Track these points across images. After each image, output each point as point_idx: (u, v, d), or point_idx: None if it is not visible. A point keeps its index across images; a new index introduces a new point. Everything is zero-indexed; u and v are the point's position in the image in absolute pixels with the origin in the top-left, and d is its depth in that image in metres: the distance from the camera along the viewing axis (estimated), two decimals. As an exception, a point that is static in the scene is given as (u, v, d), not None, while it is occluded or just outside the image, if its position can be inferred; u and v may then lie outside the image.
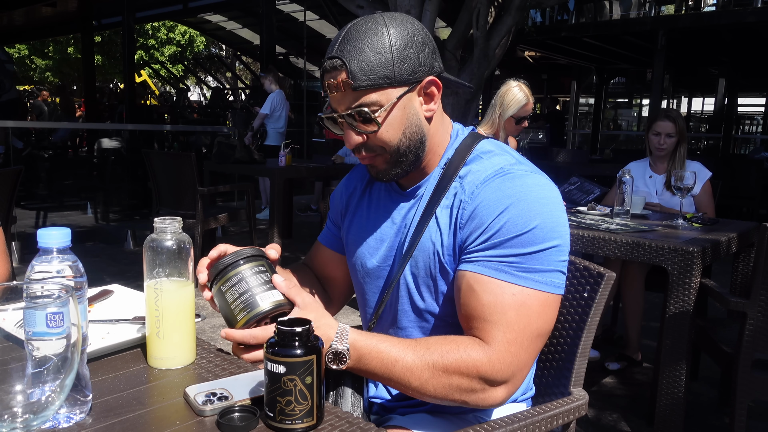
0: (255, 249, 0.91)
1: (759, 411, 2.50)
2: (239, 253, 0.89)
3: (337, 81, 0.96)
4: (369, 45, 0.94)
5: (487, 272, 0.94)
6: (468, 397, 0.92)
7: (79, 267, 0.78)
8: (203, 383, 0.86)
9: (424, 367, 0.90)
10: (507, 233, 0.94)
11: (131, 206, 7.14)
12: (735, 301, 1.94)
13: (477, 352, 0.91)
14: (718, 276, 2.82)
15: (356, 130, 0.99)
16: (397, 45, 0.95)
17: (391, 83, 0.96)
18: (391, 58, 0.95)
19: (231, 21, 14.80)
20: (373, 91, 0.95)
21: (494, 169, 0.99)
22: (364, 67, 0.94)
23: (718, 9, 9.12)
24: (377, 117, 0.96)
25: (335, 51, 0.96)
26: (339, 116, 0.99)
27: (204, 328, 3.32)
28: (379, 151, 1.01)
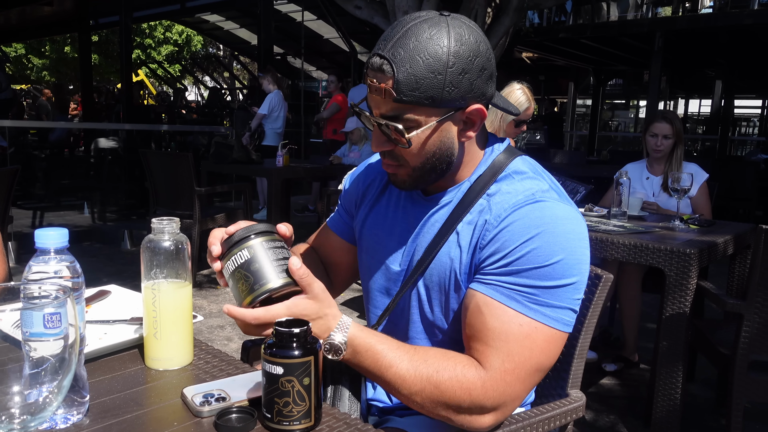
0: (269, 225, 0.88)
1: (755, 412, 2.50)
2: (252, 228, 0.86)
3: (380, 85, 0.90)
4: (424, 59, 0.87)
5: (499, 297, 0.91)
6: (453, 416, 0.91)
7: (77, 267, 0.78)
8: (201, 384, 0.86)
9: (417, 378, 0.89)
10: (528, 263, 0.90)
11: (128, 206, 7.12)
12: (731, 303, 1.94)
13: (472, 374, 0.89)
14: (715, 277, 2.82)
15: (385, 137, 0.96)
16: (454, 68, 0.88)
17: (433, 104, 0.90)
18: (443, 81, 0.88)
19: (229, 21, 14.79)
20: (414, 108, 0.90)
21: (525, 195, 0.96)
22: (412, 82, 0.87)
23: (715, 11, 9.16)
24: (410, 136, 0.92)
25: (387, 51, 0.89)
26: (371, 118, 0.95)
27: (201, 329, 3.31)
28: (403, 163, 0.97)
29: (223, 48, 21.63)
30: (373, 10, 5.25)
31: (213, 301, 3.82)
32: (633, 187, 2.90)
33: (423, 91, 0.88)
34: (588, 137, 13.32)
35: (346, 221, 1.22)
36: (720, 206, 3.93)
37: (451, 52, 0.87)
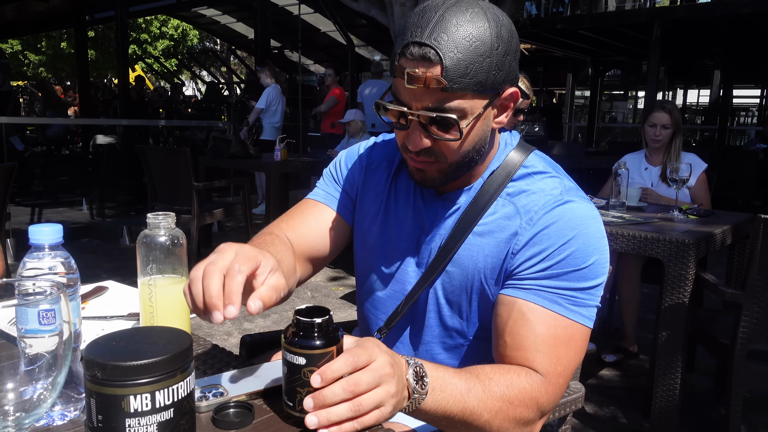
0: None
1: (754, 402, 2.51)
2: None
3: (425, 75, 0.82)
4: (473, 43, 0.82)
5: (542, 302, 0.90)
6: (521, 431, 0.88)
7: (72, 263, 0.78)
8: (198, 379, 0.85)
9: (494, 399, 0.83)
10: (567, 266, 0.90)
11: (127, 202, 7.11)
12: (730, 293, 1.94)
13: (537, 383, 0.87)
14: (714, 267, 2.82)
15: (426, 133, 0.88)
16: (499, 50, 0.84)
17: (480, 91, 0.85)
18: (490, 64, 0.84)
19: (225, 15, 14.73)
20: (462, 96, 0.85)
21: (553, 195, 0.94)
22: (462, 69, 0.82)
23: (713, 0, 9.12)
24: (463, 128, 0.86)
25: (428, 37, 0.82)
26: (413, 113, 0.86)
27: (201, 324, 3.31)
28: (440, 159, 0.92)
29: (220, 42, 21.56)
30: (369, 2, 5.23)
31: (212, 296, 3.82)
32: (631, 178, 2.89)
33: (472, 76, 0.83)
34: (587, 128, 13.31)
35: (345, 201, 1.12)
36: (719, 196, 3.92)
37: (494, 34, 0.84)
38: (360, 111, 5.82)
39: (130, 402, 0.61)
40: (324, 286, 4.11)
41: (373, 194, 1.09)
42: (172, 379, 0.63)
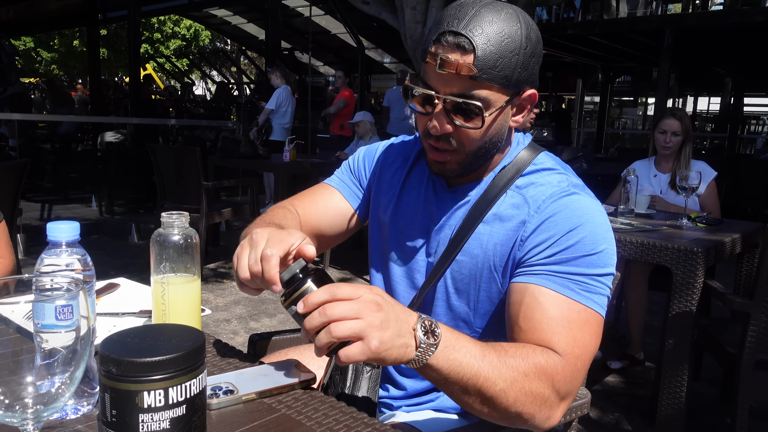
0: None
1: (761, 411, 2.50)
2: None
3: (457, 61, 0.87)
4: (504, 39, 0.88)
5: (554, 287, 0.91)
6: (538, 410, 0.85)
7: (88, 260, 0.79)
8: (209, 377, 0.86)
9: (509, 368, 0.82)
10: (577, 252, 0.91)
11: (136, 200, 7.15)
12: (739, 302, 1.94)
13: (552, 359, 0.86)
14: (722, 276, 2.81)
15: (449, 119, 0.93)
16: (527, 50, 0.91)
17: (505, 85, 0.91)
18: (517, 62, 0.90)
19: (236, 16, 14.81)
20: (488, 87, 0.90)
21: (561, 187, 0.98)
22: (492, 61, 0.88)
23: (725, 8, 9.08)
24: (485, 116, 0.91)
25: (464, 28, 0.87)
26: (440, 96, 0.91)
27: (208, 323, 3.33)
28: (459, 148, 0.96)
29: (230, 43, 21.66)
30: (380, 5, 5.24)
31: (219, 294, 3.84)
32: (641, 185, 2.89)
33: (500, 70, 0.89)
34: (596, 134, 13.26)
35: (355, 190, 1.19)
36: (728, 205, 3.91)
37: (524, 35, 0.90)
38: (369, 113, 5.83)
39: (144, 398, 0.62)
40: (330, 287, 4.12)
41: (387, 186, 1.14)
42: (186, 376, 0.64)
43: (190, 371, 0.64)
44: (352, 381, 1.05)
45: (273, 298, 3.82)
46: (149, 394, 0.62)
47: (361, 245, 5.25)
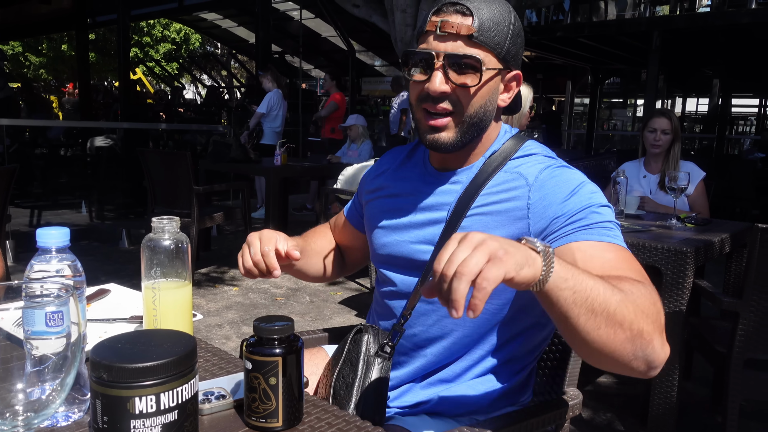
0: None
1: (751, 410, 2.52)
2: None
3: (458, 23, 0.96)
4: (496, 11, 0.98)
5: (592, 237, 0.93)
6: (653, 329, 0.81)
7: (78, 266, 0.79)
8: (201, 382, 0.86)
9: (616, 287, 0.80)
10: (586, 208, 0.96)
11: (126, 205, 7.11)
12: (727, 301, 1.95)
13: (641, 284, 0.85)
14: (712, 276, 2.83)
15: (447, 78, 0.98)
16: (516, 26, 1.01)
17: (498, 54, 0.99)
18: (509, 32, 0.99)
19: (226, 19, 14.78)
20: (485, 50, 0.98)
21: (550, 162, 1.05)
22: (489, 25, 0.97)
23: (712, 10, 9.16)
24: (483, 72, 0.97)
25: (462, 0, 0.98)
26: (440, 54, 0.97)
27: (200, 327, 3.32)
28: (457, 109, 1.01)
29: (221, 46, 21.61)
30: (371, 8, 5.25)
31: (211, 299, 3.83)
32: (630, 186, 2.91)
33: (495, 35, 0.98)
34: (586, 136, 13.34)
35: (359, 213, 1.30)
36: (717, 205, 3.94)
37: (512, 13, 1.02)
38: (362, 117, 5.83)
39: (135, 403, 0.62)
40: (323, 290, 4.12)
41: (379, 189, 1.20)
42: (177, 381, 0.64)
43: (181, 376, 0.64)
44: (363, 372, 1.05)
45: (265, 303, 3.81)
46: (141, 399, 0.62)
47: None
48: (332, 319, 3.56)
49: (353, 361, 1.06)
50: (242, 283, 4.22)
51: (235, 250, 4.79)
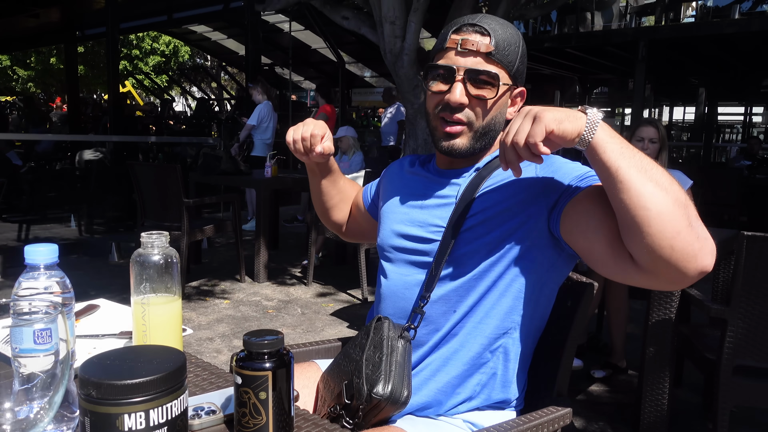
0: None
1: (741, 416, 2.53)
2: None
3: (477, 42, 1.07)
4: (508, 32, 1.10)
5: (595, 182, 1.01)
6: (695, 212, 0.90)
7: (67, 283, 0.79)
8: (191, 397, 0.86)
9: (661, 170, 0.90)
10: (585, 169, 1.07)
11: (116, 218, 7.08)
12: (716, 309, 1.97)
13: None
14: (701, 283, 2.85)
15: (466, 90, 1.09)
16: (523, 47, 1.13)
17: (510, 71, 1.11)
18: (518, 52, 1.11)
19: (216, 32, 14.80)
20: (500, 67, 1.09)
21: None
22: (504, 45, 1.09)
23: (697, 20, 9.30)
24: (499, 87, 1.08)
25: (479, 21, 1.08)
26: (461, 68, 1.08)
27: (190, 341, 3.30)
28: (471, 119, 1.11)
29: (210, 58, 21.62)
30: (360, 20, 5.28)
31: (202, 313, 3.81)
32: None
33: (509, 54, 1.09)
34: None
35: (374, 197, 1.40)
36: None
37: (519, 35, 1.13)
38: (352, 128, 5.84)
39: (124, 420, 0.62)
40: (314, 302, 4.11)
41: (391, 189, 1.29)
42: (167, 398, 0.64)
43: (170, 392, 0.64)
44: (389, 352, 1.06)
45: (256, 316, 3.79)
46: (130, 416, 0.62)
47: (344, 260, 5.25)
48: (324, 330, 3.55)
49: (377, 344, 1.08)
50: (233, 295, 4.20)
51: (226, 263, 4.77)
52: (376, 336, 1.09)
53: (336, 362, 1.16)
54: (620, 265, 0.95)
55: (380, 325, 1.10)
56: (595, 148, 0.89)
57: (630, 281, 0.97)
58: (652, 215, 0.85)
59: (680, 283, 0.91)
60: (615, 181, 0.88)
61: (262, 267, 4.54)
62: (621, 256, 0.94)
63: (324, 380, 1.18)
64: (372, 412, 1.01)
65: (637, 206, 0.86)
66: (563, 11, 9.76)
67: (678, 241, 0.86)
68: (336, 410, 1.06)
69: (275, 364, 0.75)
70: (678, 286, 0.93)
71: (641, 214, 0.86)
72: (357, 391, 1.02)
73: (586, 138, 0.89)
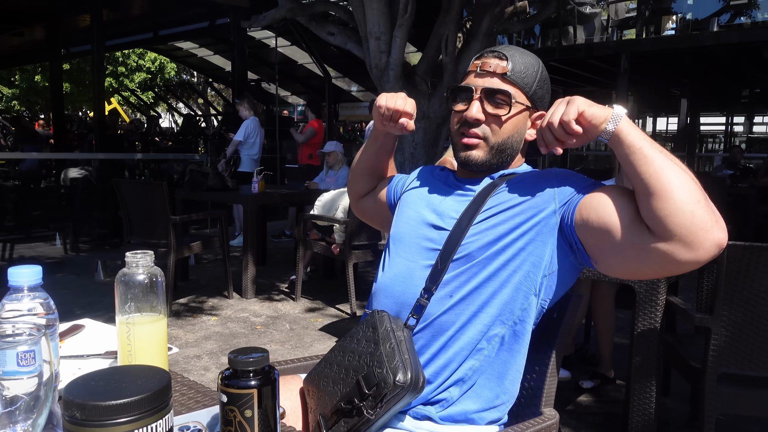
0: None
1: (728, 424, 2.55)
2: None
3: (494, 64, 1.19)
4: (528, 59, 1.21)
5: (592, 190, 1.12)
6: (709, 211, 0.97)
7: (51, 304, 0.79)
8: (177, 416, 0.86)
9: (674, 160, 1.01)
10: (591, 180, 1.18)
11: (101, 236, 7.02)
12: (699, 317, 1.99)
13: None
14: (687, 291, 2.89)
15: (483, 108, 1.19)
16: (542, 73, 1.23)
17: (527, 92, 1.20)
18: (536, 77, 1.21)
19: (202, 48, 14.82)
20: (516, 87, 1.19)
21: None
22: (521, 68, 1.19)
23: (677, 33, 9.47)
24: (512, 104, 1.18)
25: (500, 48, 1.21)
26: (478, 87, 1.19)
27: (177, 359, 3.27)
28: (488, 135, 1.21)
29: (197, 75, 21.62)
30: (346, 36, 5.32)
31: (189, 330, 3.78)
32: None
33: (526, 77, 1.20)
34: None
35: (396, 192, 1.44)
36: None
37: (540, 63, 1.24)
38: (340, 144, 5.86)
39: None
40: (302, 318, 4.09)
41: (417, 184, 1.38)
42: (151, 418, 0.64)
43: (155, 412, 0.64)
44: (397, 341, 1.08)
45: (244, 332, 3.77)
46: None
47: (332, 275, 5.24)
48: (313, 346, 3.54)
49: (384, 336, 1.10)
50: (221, 312, 4.17)
51: (214, 279, 4.75)
52: (381, 327, 1.12)
53: (329, 362, 1.16)
54: (636, 243, 1.01)
55: (382, 317, 1.14)
56: (620, 134, 1.02)
57: (643, 265, 1.03)
58: (674, 182, 0.97)
59: (697, 253, 0.96)
60: (640, 156, 1.00)
61: (250, 283, 4.52)
62: (638, 230, 1.01)
63: (316, 383, 1.17)
64: (392, 401, 1.03)
65: (662, 174, 0.98)
66: (546, 25, 9.91)
67: (698, 207, 0.96)
68: (353, 403, 1.05)
69: (260, 382, 0.76)
70: (694, 258, 0.97)
71: (666, 181, 0.97)
72: (382, 380, 1.03)
73: (612, 125, 1.03)
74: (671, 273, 1.02)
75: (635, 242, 1.01)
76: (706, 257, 0.96)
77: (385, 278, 1.26)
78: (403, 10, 4.62)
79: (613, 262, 1.07)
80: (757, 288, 1.87)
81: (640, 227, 1.00)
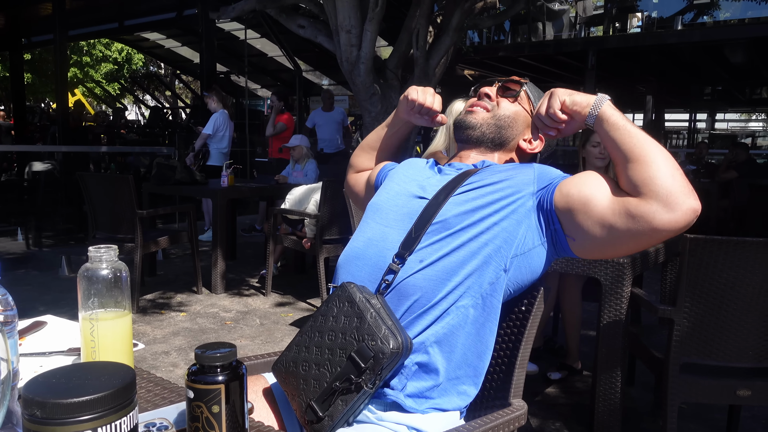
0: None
1: (690, 412, 2.62)
2: None
3: (516, 78, 1.39)
4: (540, 91, 1.39)
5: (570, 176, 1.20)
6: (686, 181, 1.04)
7: (9, 300, 0.76)
8: (143, 413, 0.85)
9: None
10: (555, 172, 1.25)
11: (66, 231, 6.85)
12: (662, 309, 2.04)
13: None
14: (652, 284, 2.96)
15: (497, 93, 1.37)
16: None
17: (532, 103, 1.37)
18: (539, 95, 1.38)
19: (170, 39, 14.54)
20: (526, 95, 1.38)
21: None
22: (534, 90, 1.39)
23: (642, 31, 9.65)
24: (518, 98, 1.37)
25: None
26: (499, 79, 1.40)
27: (145, 356, 3.22)
28: (493, 109, 1.35)
29: (164, 66, 21.22)
30: (316, 29, 5.28)
31: (157, 326, 3.72)
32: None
33: (539, 96, 1.37)
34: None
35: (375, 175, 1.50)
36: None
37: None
38: (306, 137, 5.83)
39: None
40: (273, 312, 4.07)
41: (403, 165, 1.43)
42: (114, 415, 0.63)
43: (119, 409, 0.63)
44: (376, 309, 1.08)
45: (214, 328, 3.73)
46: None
47: (304, 270, 5.21)
48: (283, 341, 3.52)
49: (363, 306, 1.08)
50: (190, 308, 4.12)
51: (182, 274, 4.68)
52: (356, 299, 1.10)
53: (303, 345, 1.13)
54: (617, 208, 1.07)
55: (352, 289, 1.12)
56: (603, 115, 1.14)
57: (622, 235, 1.07)
58: (655, 151, 1.07)
59: (675, 214, 1.02)
60: (623, 132, 1.11)
61: (219, 278, 4.47)
62: (619, 196, 1.08)
63: (293, 369, 1.13)
64: (386, 370, 1.03)
65: (644, 144, 1.08)
66: (516, 21, 9.99)
67: (677, 173, 1.04)
68: (351, 380, 1.03)
69: (228, 377, 0.75)
70: (673, 220, 1.02)
71: (648, 149, 1.07)
72: (378, 351, 1.02)
73: (595, 109, 1.15)
74: (648, 242, 1.07)
75: (616, 208, 1.07)
76: (683, 221, 1.02)
77: (357, 243, 1.25)
78: (374, 3, 4.61)
79: (590, 236, 1.10)
80: (717, 280, 1.93)
81: (621, 193, 1.08)
